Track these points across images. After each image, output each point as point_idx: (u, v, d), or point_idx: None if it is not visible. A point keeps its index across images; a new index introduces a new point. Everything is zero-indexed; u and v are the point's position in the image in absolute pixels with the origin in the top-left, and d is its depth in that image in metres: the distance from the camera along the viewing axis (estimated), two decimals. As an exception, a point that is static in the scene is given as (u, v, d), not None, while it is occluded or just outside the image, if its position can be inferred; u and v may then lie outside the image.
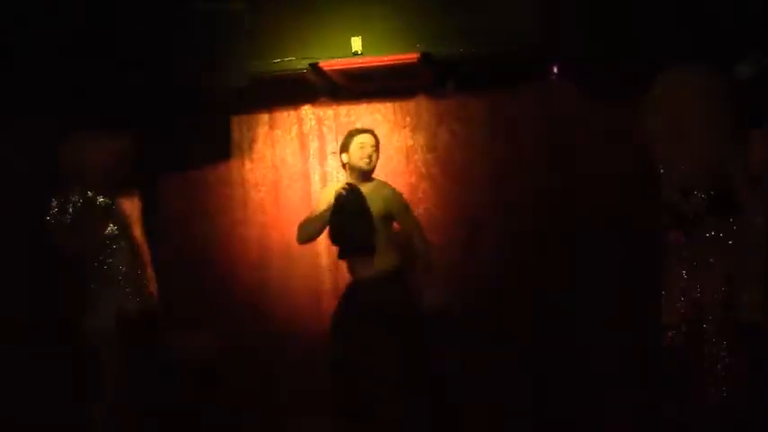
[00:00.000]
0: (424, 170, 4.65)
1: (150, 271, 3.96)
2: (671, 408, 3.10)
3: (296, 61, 4.34)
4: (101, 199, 3.81)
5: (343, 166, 4.19)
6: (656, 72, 3.16)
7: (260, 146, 4.84)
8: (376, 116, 4.74)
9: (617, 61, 4.01)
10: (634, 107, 3.33)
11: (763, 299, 3.16)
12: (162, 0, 4.17)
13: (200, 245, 4.82)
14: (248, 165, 4.86)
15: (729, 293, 3.01)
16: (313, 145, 4.80)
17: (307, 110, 4.81)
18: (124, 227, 3.86)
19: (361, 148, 4.06)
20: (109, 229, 3.82)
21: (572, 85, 4.35)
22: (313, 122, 4.80)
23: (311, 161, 4.80)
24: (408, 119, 4.69)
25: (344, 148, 4.13)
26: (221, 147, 4.82)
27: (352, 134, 4.13)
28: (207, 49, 4.22)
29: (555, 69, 4.37)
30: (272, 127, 4.84)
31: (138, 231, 3.93)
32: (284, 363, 4.70)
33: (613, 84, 4.11)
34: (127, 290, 3.81)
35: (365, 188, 4.05)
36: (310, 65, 4.32)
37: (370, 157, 4.07)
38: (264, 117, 4.85)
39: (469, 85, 4.59)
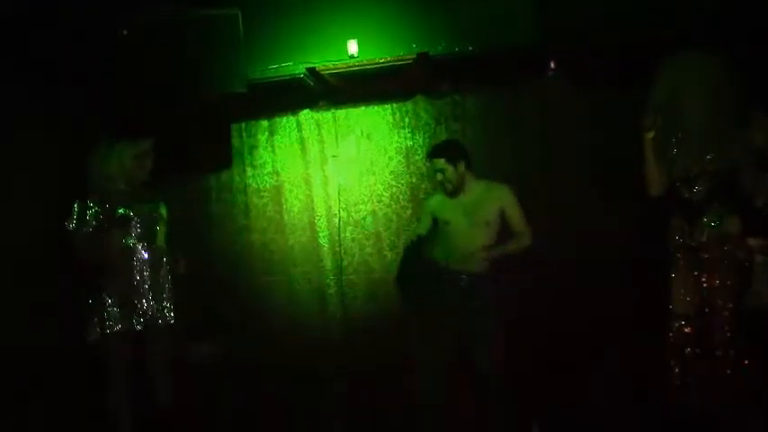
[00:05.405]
0: (424, 169, 4.65)
1: (168, 285, 3.91)
2: None
3: (293, 66, 4.36)
4: (120, 210, 3.81)
5: None
6: (655, 62, 3.17)
7: (261, 152, 4.87)
8: (375, 118, 4.75)
9: (614, 53, 4.01)
10: (633, 99, 3.34)
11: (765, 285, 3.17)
12: (158, 9, 4.17)
13: (203, 252, 4.83)
14: (250, 171, 4.88)
15: (737, 281, 3.02)
16: (313, 149, 4.81)
17: (306, 114, 4.82)
18: (144, 239, 3.85)
19: (435, 174, 3.93)
20: (127, 240, 3.82)
21: (569, 79, 4.35)
22: (312, 127, 4.82)
23: (312, 165, 4.82)
24: (407, 119, 4.70)
25: None
26: (222, 154, 4.85)
27: (428, 156, 3.99)
28: (204, 57, 4.23)
29: (552, 64, 4.37)
30: (272, 133, 4.86)
31: (159, 244, 3.91)
32: (289, 367, 4.67)
33: (611, 76, 4.11)
34: (142, 301, 3.80)
35: (469, 195, 3.91)
36: (307, 69, 4.34)
37: (443, 183, 3.89)
38: (264, 123, 4.88)
39: (467, 83, 4.59)
